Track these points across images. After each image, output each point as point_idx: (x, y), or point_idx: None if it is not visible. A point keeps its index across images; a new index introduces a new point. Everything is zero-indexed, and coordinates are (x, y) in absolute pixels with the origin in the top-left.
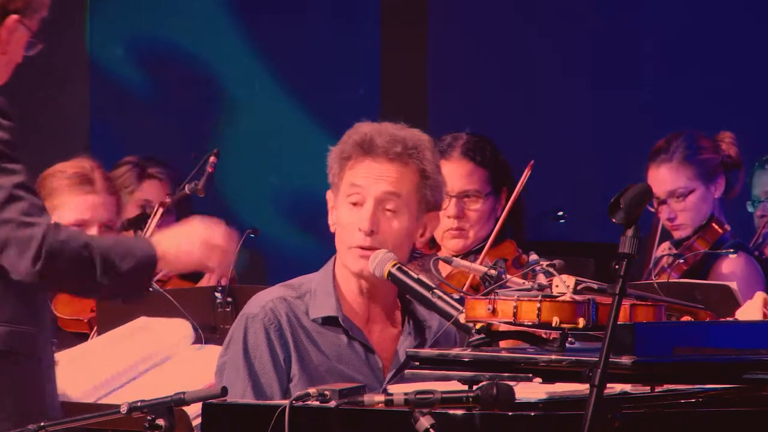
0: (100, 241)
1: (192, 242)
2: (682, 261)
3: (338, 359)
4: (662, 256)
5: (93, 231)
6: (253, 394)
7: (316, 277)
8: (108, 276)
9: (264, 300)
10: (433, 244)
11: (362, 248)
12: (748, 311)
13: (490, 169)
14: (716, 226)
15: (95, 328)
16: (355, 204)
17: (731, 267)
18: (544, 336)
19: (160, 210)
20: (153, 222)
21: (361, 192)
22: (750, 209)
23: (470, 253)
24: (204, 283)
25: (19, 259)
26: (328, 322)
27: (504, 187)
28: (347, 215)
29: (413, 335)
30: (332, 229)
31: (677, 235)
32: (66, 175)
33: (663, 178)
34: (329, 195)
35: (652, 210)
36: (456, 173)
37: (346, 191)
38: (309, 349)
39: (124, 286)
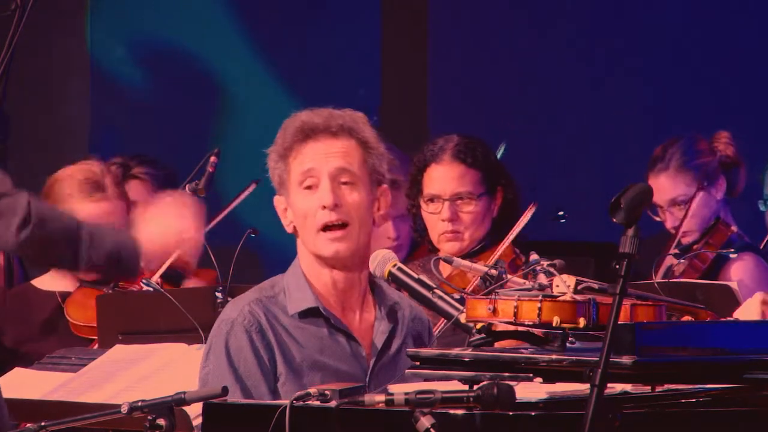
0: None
1: (167, 237)
2: (685, 262)
3: (321, 352)
4: (671, 264)
5: None
6: (243, 398)
7: (285, 277)
8: (93, 251)
9: (240, 304)
10: (433, 247)
11: (331, 227)
12: (746, 310)
13: (482, 169)
14: (723, 228)
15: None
16: (309, 188)
17: (740, 270)
18: (544, 336)
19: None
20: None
21: (314, 174)
22: (762, 208)
23: (467, 256)
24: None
25: (5, 229)
26: (308, 314)
27: (499, 187)
28: (304, 201)
29: (387, 320)
30: (289, 230)
31: (685, 240)
32: (76, 181)
33: (662, 186)
34: (278, 199)
35: (657, 219)
36: (448, 176)
37: (297, 180)
38: (291, 346)
39: (109, 267)
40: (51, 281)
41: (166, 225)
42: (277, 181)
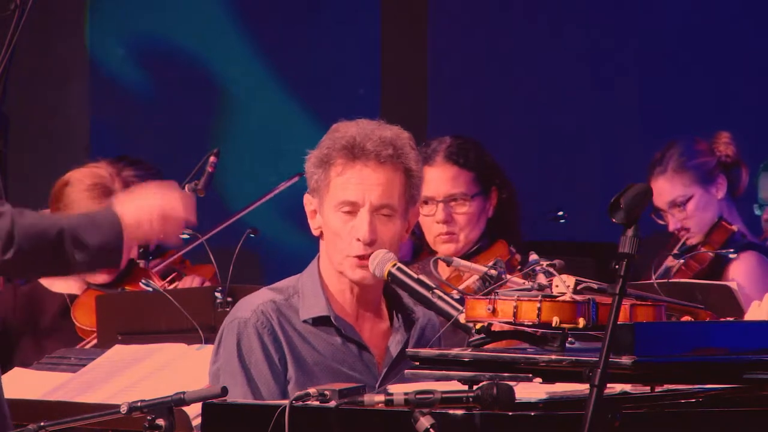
0: (67, 219)
1: (150, 214)
2: (682, 263)
3: (333, 358)
4: (670, 264)
5: None
6: (253, 399)
7: (301, 279)
8: (78, 252)
9: (254, 303)
10: (431, 249)
11: (362, 258)
12: (757, 313)
13: (475, 170)
14: (724, 227)
15: (94, 336)
16: (347, 212)
17: (742, 267)
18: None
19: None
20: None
21: (355, 205)
22: (757, 212)
23: (464, 258)
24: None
25: None
26: (320, 322)
27: (493, 187)
28: (340, 224)
29: (403, 329)
30: (316, 233)
31: (690, 242)
32: (85, 186)
33: (661, 189)
34: (308, 199)
35: (662, 223)
36: (441, 178)
37: (336, 199)
38: (303, 350)
39: (95, 261)
40: (60, 283)
41: (150, 200)
42: (313, 186)
